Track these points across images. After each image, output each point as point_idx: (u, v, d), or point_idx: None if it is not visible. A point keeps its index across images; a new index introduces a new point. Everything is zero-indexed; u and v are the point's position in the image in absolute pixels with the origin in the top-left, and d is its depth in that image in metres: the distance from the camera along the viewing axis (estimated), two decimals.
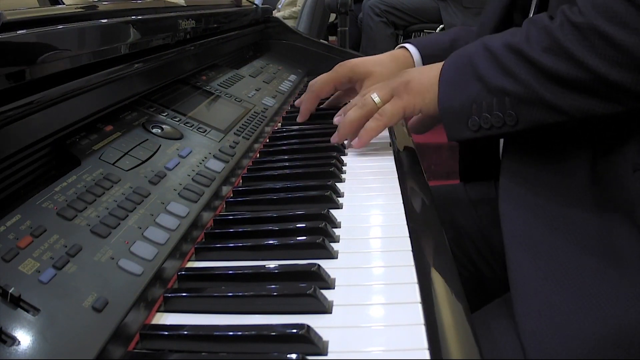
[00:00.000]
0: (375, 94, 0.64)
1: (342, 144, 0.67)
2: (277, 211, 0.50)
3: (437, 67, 0.61)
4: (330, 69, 0.78)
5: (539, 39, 0.50)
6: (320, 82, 0.77)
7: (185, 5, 0.82)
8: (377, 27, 2.83)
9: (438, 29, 2.79)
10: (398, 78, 0.64)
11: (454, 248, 0.72)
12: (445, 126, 0.58)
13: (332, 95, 0.82)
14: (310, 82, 0.79)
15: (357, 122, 0.64)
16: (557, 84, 0.49)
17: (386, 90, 0.63)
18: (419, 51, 0.81)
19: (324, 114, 0.78)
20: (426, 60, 0.82)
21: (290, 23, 1.64)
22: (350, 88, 0.79)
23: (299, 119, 0.79)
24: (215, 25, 0.86)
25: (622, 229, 0.47)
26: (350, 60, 0.79)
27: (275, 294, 0.36)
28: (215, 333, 0.33)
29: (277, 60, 1.08)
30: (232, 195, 0.55)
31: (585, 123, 0.50)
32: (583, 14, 0.47)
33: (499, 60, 0.52)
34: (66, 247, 0.35)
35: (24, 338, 0.29)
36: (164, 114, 0.60)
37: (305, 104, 0.79)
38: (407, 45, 0.82)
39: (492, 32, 0.64)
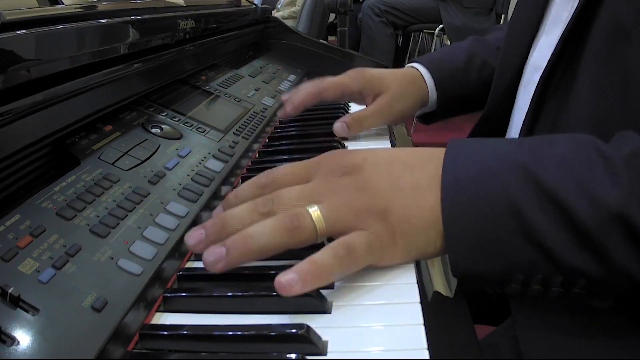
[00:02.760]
0: (316, 209, 0.36)
1: (342, 144, 0.66)
2: None
3: (432, 187, 0.37)
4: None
5: None
6: (329, 83, 0.66)
7: (184, 5, 0.82)
8: (376, 27, 2.83)
9: (437, 29, 2.79)
10: (363, 194, 0.37)
11: None
12: (460, 282, 0.38)
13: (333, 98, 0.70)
14: (318, 80, 0.67)
15: (274, 246, 0.36)
16: None
17: (344, 213, 0.36)
18: (432, 76, 0.71)
19: (325, 115, 0.78)
20: (440, 87, 0.71)
21: (289, 23, 1.64)
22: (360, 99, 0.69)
23: (288, 109, 0.66)
24: (215, 25, 0.86)
25: None
26: (364, 69, 0.69)
27: (275, 294, 0.36)
28: (214, 333, 0.33)
29: (276, 60, 1.08)
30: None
31: None
32: None
33: (585, 234, 0.32)
34: (65, 247, 0.35)
35: (24, 338, 0.29)
36: (164, 114, 0.60)
37: (302, 95, 0.66)
38: (417, 66, 0.72)
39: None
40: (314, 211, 0.36)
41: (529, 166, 0.34)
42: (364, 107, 0.69)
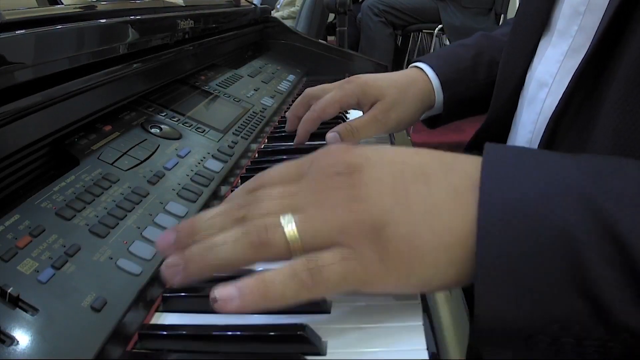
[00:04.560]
0: (292, 220, 0.30)
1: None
2: None
3: (454, 205, 0.30)
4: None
5: None
6: (325, 103, 0.62)
7: (184, 5, 0.82)
8: (375, 27, 2.83)
9: (437, 29, 2.79)
10: (355, 205, 0.30)
11: None
12: (477, 340, 0.30)
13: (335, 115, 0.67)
14: (309, 92, 0.65)
15: (237, 262, 0.31)
16: None
17: (326, 227, 0.30)
18: (437, 75, 0.67)
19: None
20: (446, 88, 0.67)
21: (288, 23, 1.64)
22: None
23: (296, 141, 0.65)
24: (214, 25, 0.86)
25: None
26: (359, 76, 0.65)
27: None
28: (213, 333, 0.33)
29: (275, 60, 1.08)
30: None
31: None
32: None
33: None
34: (65, 247, 0.35)
35: (23, 338, 0.29)
36: (163, 114, 0.60)
37: (306, 125, 0.64)
38: (422, 65, 0.68)
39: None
40: (289, 223, 0.30)
41: (598, 201, 0.26)
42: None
